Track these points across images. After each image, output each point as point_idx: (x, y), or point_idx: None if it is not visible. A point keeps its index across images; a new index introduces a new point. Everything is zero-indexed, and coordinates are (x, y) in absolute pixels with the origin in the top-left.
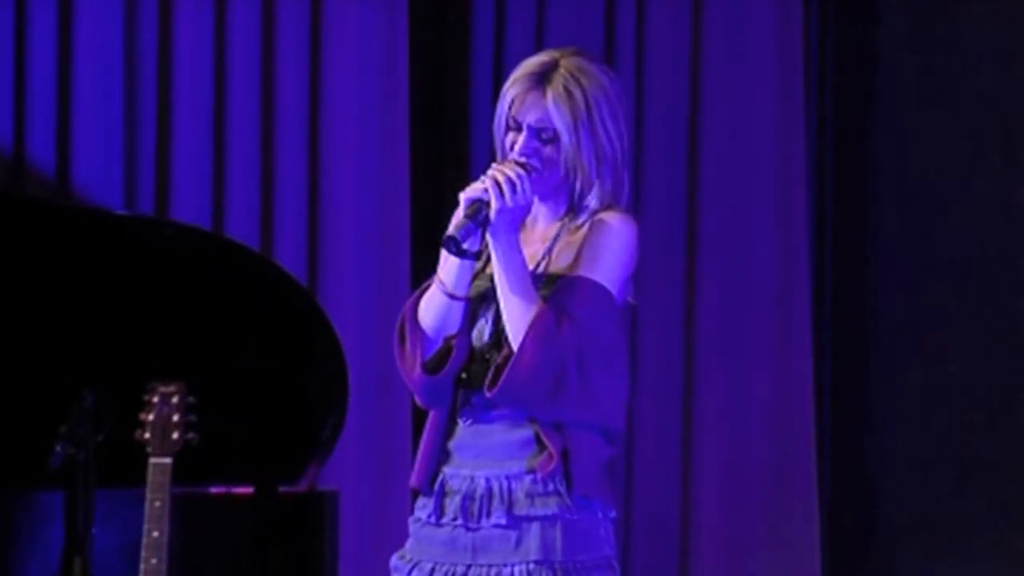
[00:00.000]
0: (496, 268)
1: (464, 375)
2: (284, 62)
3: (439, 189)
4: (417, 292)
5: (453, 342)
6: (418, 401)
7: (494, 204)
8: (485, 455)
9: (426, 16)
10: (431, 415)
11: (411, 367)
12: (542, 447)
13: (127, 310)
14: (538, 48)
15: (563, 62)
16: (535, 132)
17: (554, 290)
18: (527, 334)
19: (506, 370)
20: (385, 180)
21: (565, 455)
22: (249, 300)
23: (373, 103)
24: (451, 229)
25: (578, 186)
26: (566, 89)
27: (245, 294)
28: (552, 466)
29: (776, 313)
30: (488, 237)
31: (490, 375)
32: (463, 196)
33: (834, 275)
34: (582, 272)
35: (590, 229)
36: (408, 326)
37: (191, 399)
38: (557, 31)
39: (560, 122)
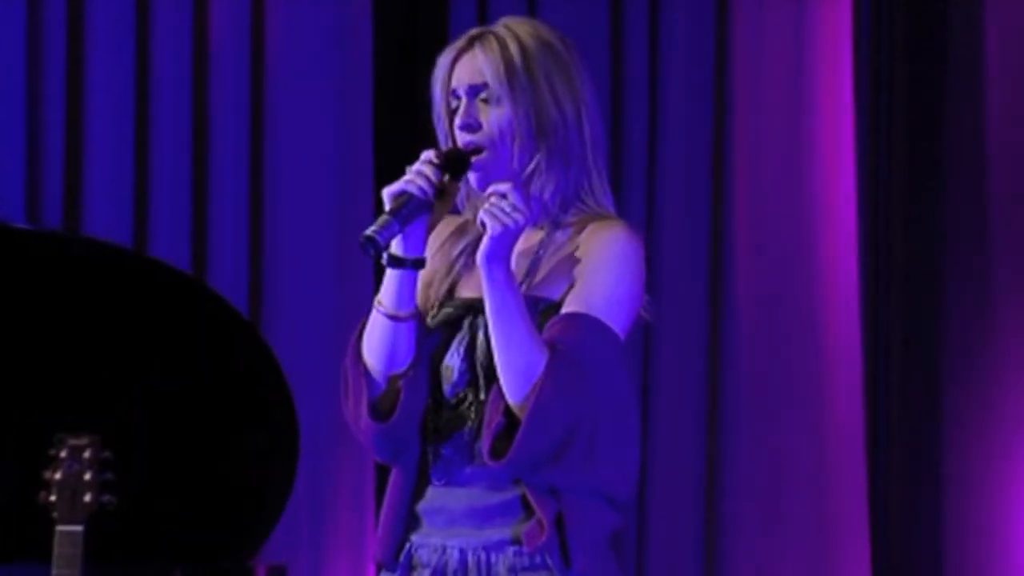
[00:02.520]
0: (488, 307)
1: (433, 423)
2: (220, 48)
3: None
4: (359, 326)
5: (400, 381)
6: (376, 458)
7: (489, 231)
8: (460, 521)
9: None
10: (394, 473)
11: (356, 414)
12: (529, 512)
13: (26, 345)
14: None
15: (505, 21)
16: (472, 94)
17: (552, 327)
18: (539, 392)
19: (516, 440)
20: (344, 186)
21: (560, 524)
22: (178, 334)
23: (329, 95)
24: (369, 228)
25: (515, 156)
26: (499, 41)
27: (173, 326)
28: (543, 538)
29: (818, 341)
30: (479, 266)
31: (488, 441)
32: (386, 192)
33: (889, 295)
34: (587, 309)
35: (586, 246)
36: (350, 364)
37: (107, 454)
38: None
39: (492, 75)
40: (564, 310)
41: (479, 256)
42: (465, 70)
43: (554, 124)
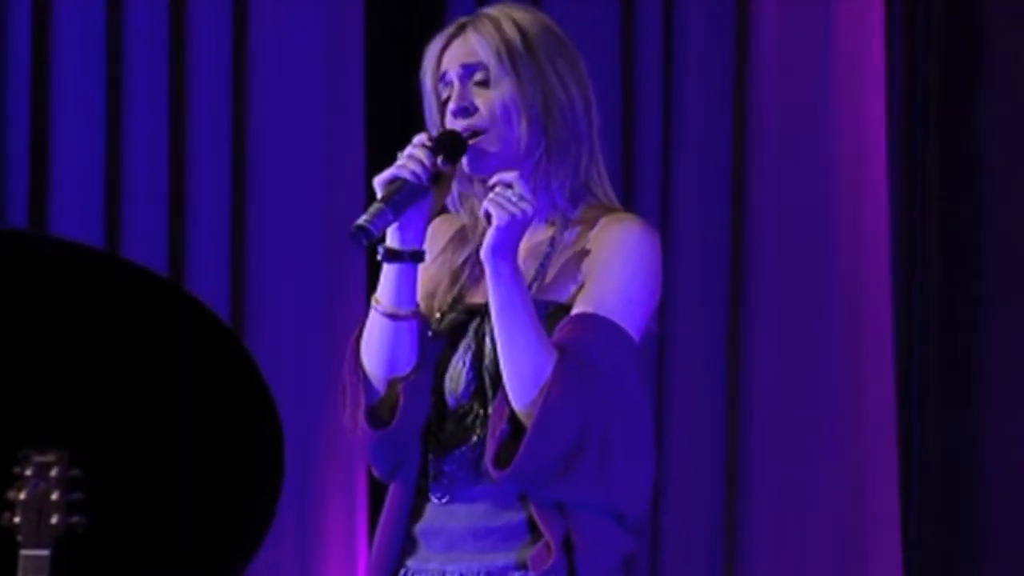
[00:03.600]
0: (493, 306)
1: (435, 436)
2: (199, 37)
3: None
4: (358, 328)
5: (401, 385)
6: (373, 471)
7: (495, 221)
8: (461, 544)
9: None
10: (391, 490)
11: (353, 422)
12: (536, 535)
13: None
14: None
15: (495, 6)
16: (466, 76)
17: (561, 329)
18: (546, 396)
19: (522, 447)
20: (333, 184)
21: (568, 546)
22: (153, 342)
23: (317, 88)
24: (360, 218)
25: (520, 140)
26: (494, 23)
27: (147, 334)
28: (550, 561)
29: (848, 362)
30: (484, 260)
31: (492, 450)
32: (377, 180)
33: (924, 311)
34: (598, 308)
35: (597, 242)
36: (348, 370)
37: (76, 472)
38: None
39: (489, 54)
40: (574, 311)
41: (483, 249)
42: (456, 53)
43: (562, 107)
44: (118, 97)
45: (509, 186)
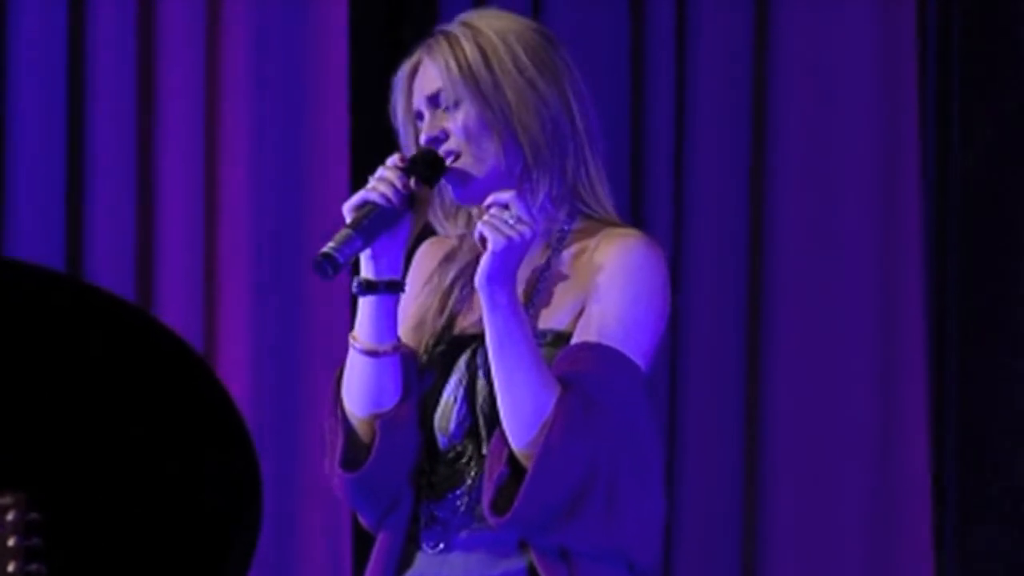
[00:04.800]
0: (489, 338)
1: (426, 479)
2: (170, 46)
3: None
4: (338, 371)
5: (378, 422)
6: (361, 520)
7: (491, 246)
8: None
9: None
10: (379, 540)
11: (330, 468)
12: None
13: None
14: None
15: (459, 19)
16: (432, 105)
17: (561, 361)
18: (548, 435)
19: (522, 491)
20: (315, 205)
21: None
22: (118, 373)
23: (298, 101)
24: (326, 245)
25: (496, 156)
26: (450, 41)
27: (112, 364)
28: None
29: (877, 386)
30: (478, 289)
31: (490, 494)
32: (345, 206)
33: (960, 327)
34: (600, 337)
35: (595, 262)
36: (327, 414)
37: (34, 515)
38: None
39: (445, 78)
40: (575, 339)
41: (478, 277)
42: (419, 84)
43: (536, 113)
44: (80, 103)
45: (506, 207)
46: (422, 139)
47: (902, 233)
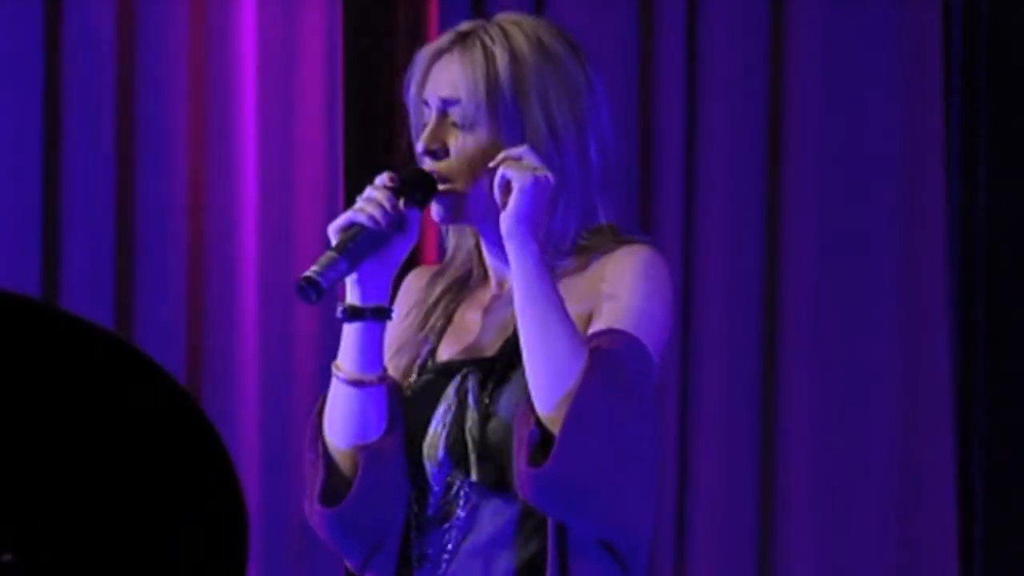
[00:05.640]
0: (517, 289)
1: (414, 520)
2: (151, 53)
3: None
4: (319, 403)
5: (361, 453)
6: (346, 562)
7: (516, 184)
8: None
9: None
10: None
11: (309, 504)
12: None
13: None
14: None
15: (499, 18)
16: (442, 112)
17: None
18: (580, 390)
19: (560, 438)
20: (305, 220)
21: None
22: (97, 405)
23: (284, 110)
24: (309, 269)
25: (493, 195)
26: (485, 48)
27: (90, 396)
28: None
29: (900, 403)
30: (505, 236)
31: (524, 454)
32: (331, 227)
33: (987, 346)
34: (616, 324)
35: (604, 272)
36: (307, 448)
37: (8, 558)
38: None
39: (468, 93)
40: (592, 330)
41: (507, 220)
42: (440, 78)
43: (548, 160)
44: (56, 114)
45: (519, 159)
46: (418, 146)
47: (926, 238)
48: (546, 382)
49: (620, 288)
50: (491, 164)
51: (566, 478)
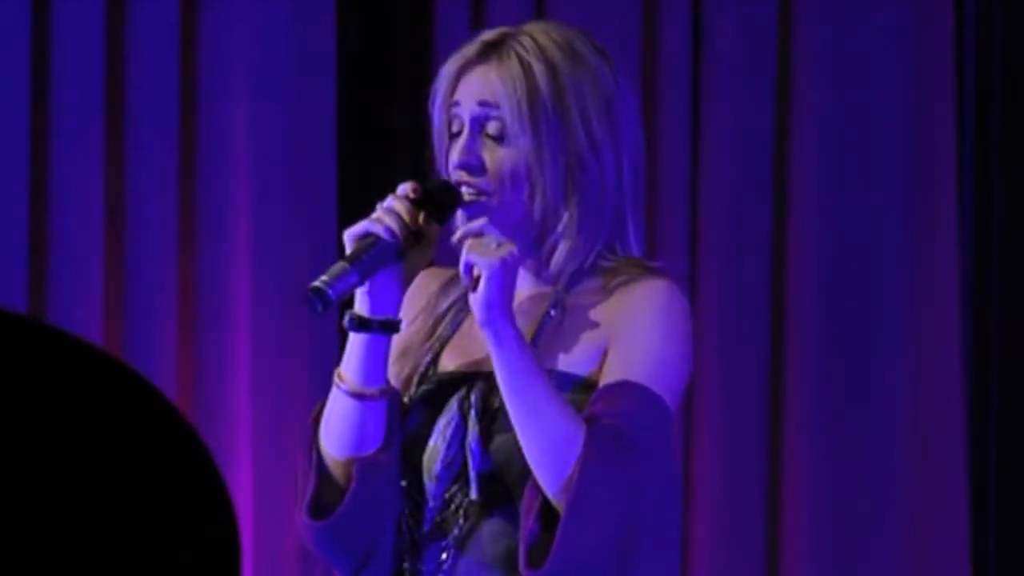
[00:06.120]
0: (501, 376)
1: (410, 535)
2: (143, 57)
3: None
4: (316, 409)
5: (356, 465)
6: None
7: (482, 272)
8: None
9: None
10: None
11: (299, 513)
12: None
13: None
14: None
15: (528, 28)
16: (478, 123)
17: (593, 403)
18: (582, 473)
19: (559, 534)
20: (299, 234)
21: None
22: (86, 426)
23: (282, 102)
24: (319, 278)
25: (533, 210)
26: (520, 58)
27: (79, 416)
28: None
29: (912, 407)
30: (480, 325)
31: (524, 551)
32: (347, 233)
33: (1001, 349)
34: (630, 374)
35: (620, 305)
36: (301, 457)
37: None
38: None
39: (510, 104)
40: (604, 381)
41: (478, 310)
42: (473, 86)
43: (589, 173)
44: (44, 142)
45: (480, 235)
46: (454, 159)
47: (938, 244)
48: (547, 464)
49: (638, 328)
50: (453, 239)
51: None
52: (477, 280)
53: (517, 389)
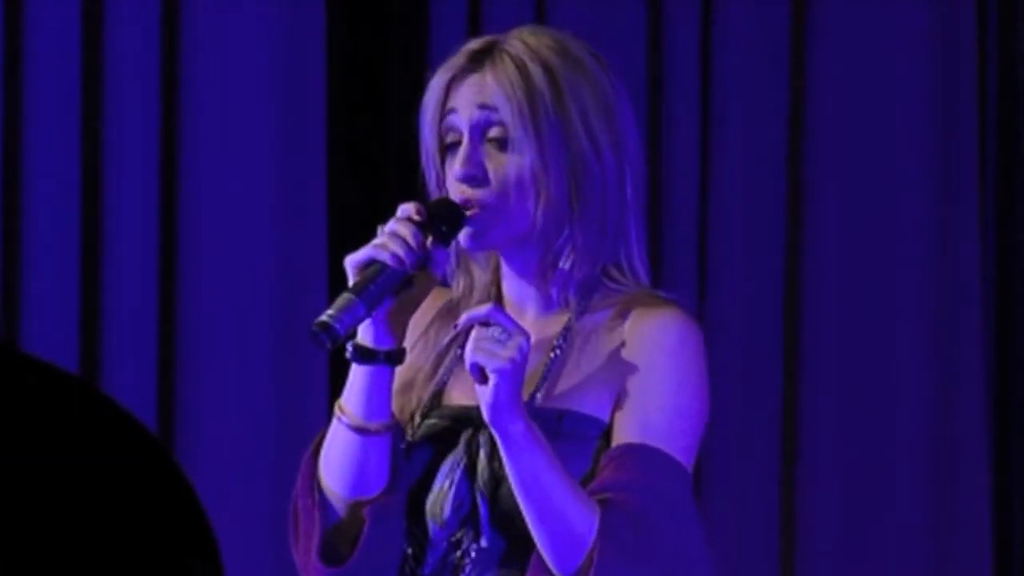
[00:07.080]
0: (512, 475)
1: (414, 572)
2: (123, 65)
3: None
4: (316, 440)
5: (366, 509)
6: None
7: (489, 375)
8: None
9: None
10: None
11: (305, 557)
12: None
13: None
14: None
15: (516, 32)
16: (479, 129)
17: (603, 470)
18: (598, 561)
19: None
20: (288, 251)
21: None
22: (60, 455)
23: (269, 97)
24: (324, 313)
25: (535, 221)
26: (517, 63)
27: (53, 446)
28: None
29: (933, 408)
30: (489, 425)
31: None
32: (349, 261)
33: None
34: (643, 435)
35: (631, 343)
36: (300, 492)
37: None
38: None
39: (511, 109)
40: (615, 442)
41: (482, 406)
42: (470, 92)
43: (592, 178)
44: (17, 149)
45: (487, 323)
46: (457, 171)
47: (960, 254)
48: (559, 551)
49: (651, 372)
50: (457, 326)
51: None
52: (484, 373)
53: (528, 487)
